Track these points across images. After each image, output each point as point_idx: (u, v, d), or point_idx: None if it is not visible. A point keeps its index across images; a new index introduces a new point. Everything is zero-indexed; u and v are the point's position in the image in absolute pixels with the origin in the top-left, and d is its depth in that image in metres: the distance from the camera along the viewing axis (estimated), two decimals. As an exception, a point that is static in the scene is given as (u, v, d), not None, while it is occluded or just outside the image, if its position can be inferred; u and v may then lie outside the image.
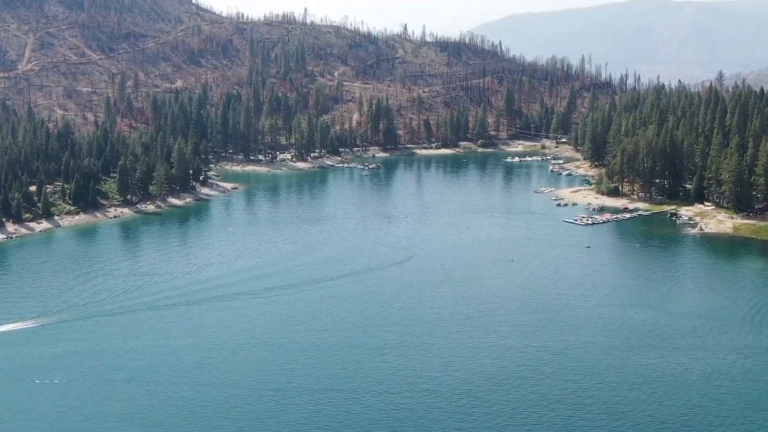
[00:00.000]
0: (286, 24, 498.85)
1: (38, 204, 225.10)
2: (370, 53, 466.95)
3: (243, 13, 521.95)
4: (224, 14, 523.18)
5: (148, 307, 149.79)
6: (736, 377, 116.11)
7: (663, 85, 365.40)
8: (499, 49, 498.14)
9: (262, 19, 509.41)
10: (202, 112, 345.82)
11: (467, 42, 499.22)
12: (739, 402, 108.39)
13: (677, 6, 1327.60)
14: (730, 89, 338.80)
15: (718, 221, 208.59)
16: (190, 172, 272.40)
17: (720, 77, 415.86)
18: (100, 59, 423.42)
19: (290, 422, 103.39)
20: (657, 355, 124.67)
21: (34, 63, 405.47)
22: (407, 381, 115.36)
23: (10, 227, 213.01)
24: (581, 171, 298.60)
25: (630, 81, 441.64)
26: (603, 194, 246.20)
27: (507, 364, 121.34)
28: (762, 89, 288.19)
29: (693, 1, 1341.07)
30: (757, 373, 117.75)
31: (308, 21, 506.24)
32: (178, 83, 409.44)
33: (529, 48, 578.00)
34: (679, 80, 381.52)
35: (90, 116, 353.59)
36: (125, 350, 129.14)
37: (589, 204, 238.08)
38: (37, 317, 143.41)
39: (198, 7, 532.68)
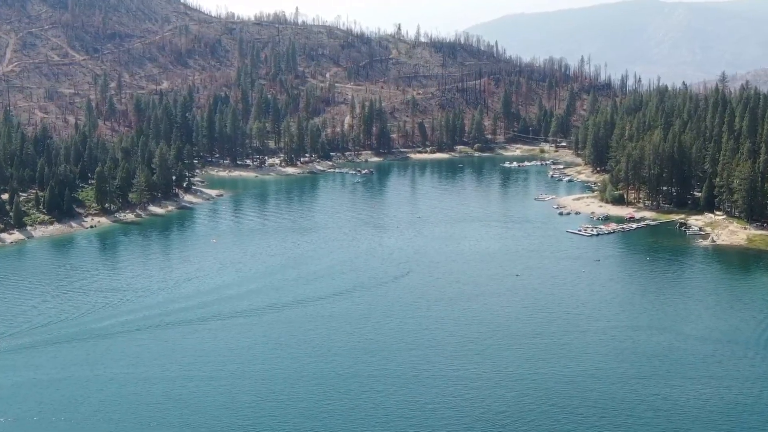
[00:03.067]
0: (276, 24, 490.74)
1: (10, 213, 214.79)
2: (363, 54, 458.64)
3: (233, 13, 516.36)
4: (213, 14, 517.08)
5: (118, 329, 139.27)
6: (763, 411, 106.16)
7: (666, 87, 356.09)
8: (495, 49, 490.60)
9: (252, 18, 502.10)
10: (187, 114, 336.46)
11: (462, 42, 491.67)
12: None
13: (669, 6, 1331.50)
14: (732, 90, 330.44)
15: (730, 232, 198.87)
16: (173, 178, 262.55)
17: (723, 78, 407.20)
18: (83, 60, 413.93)
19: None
20: (673, 384, 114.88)
21: (15, 64, 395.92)
22: (398, 416, 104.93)
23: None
24: (583, 177, 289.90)
25: (630, 82, 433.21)
26: (607, 202, 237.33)
27: (508, 394, 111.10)
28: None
29: (685, 2, 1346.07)
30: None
31: (299, 21, 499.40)
32: (164, 85, 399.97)
33: (524, 48, 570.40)
34: (683, 82, 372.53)
35: (71, 119, 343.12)
36: (90, 378, 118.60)
37: (592, 213, 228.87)
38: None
39: (186, 6, 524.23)
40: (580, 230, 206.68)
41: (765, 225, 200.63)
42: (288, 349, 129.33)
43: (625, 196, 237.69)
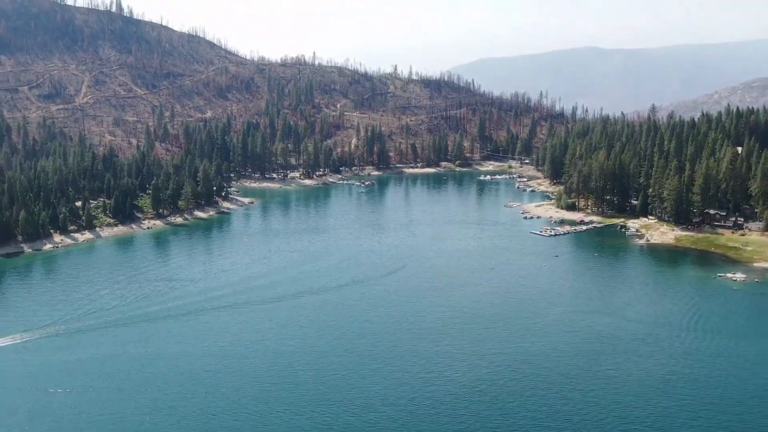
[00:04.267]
0: (297, 65, 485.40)
1: (83, 217, 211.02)
2: (367, 89, 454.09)
3: (263, 56, 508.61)
4: (248, 57, 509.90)
5: (166, 312, 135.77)
6: (691, 380, 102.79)
7: (608, 116, 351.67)
8: (472, 85, 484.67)
9: (279, 60, 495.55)
10: (226, 138, 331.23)
11: (446, 80, 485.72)
12: (698, 405, 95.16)
13: (608, 53, 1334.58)
14: (660, 119, 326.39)
15: (661, 233, 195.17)
16: (214, 189, 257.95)
17: (653, 109, 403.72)
18: (144, 94, 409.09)
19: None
20: (619, 359, 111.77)
21: (89, 97, 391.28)
22: (393, 383, 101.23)
23: (57, 238, 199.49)
24: (542, 188, 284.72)
25: (579, 112, 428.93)
26: (562, 208, 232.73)
27: (485, 366, 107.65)
28: (693, 120, 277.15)
29: (621, 49, 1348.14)
30: (710, 377, 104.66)
31: (316, 62, 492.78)
32: (208, 114, 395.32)
33: (495, 85, 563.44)
34: (622, 112, 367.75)
35: (133, 141, 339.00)
36: (142, 354, 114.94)
37: (550, 217, 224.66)
38: (64, 323, 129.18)
39: (226, 51, 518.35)
40: (541, 231, 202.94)
41: (689, 227, 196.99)
42: (305, 330, 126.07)
43: (577, 204, 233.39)
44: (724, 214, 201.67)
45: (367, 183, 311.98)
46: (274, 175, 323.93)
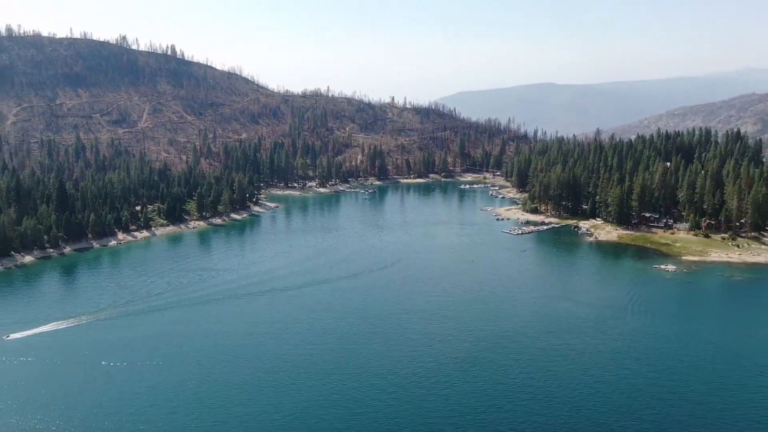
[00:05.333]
0: (315, 96, 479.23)
1: (141, 219, 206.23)
2: (370, 115, 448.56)
3: (288, 90, 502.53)
4: (275, 90, 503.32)
5: (205, 297, 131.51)
6: (635, 356, 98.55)
7: (562, 138, 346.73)
8: (453, 112, 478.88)
9: (300, 93, 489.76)
10: (256, 154, 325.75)
11: (433, 108, 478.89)
12: (639, 375, 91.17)
13: (561, 87, 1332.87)
14: (604, 140, 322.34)
15: (606, 232, 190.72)
16: (246, 196, 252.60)
17: (597, 132, 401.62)
18: (192, 120, 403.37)
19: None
20: (574, 337, 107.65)
21: (149, 122, 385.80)
22: (388, 358, 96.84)
23: (120, 236, 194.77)
24: (511, 195, 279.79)
25: (539, 135, 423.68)
26: (527, 212, 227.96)
27: (464, 343, 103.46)
28: (631, 140, 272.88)
29: (570, 85, 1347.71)
30: (648, 351, 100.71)
31: (330, 94, 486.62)
32: (243, 135, 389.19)
33: (471, 112, 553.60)
34: (573, 134, 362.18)
35: (183, 158, 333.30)
36: (186, 333, 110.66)
37: (518, 219, 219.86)
38: (122, 306, 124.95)
39: (258, 85, 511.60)
40: (510, 231, 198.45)
41: (629, 227, 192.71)
42: (318, 313, 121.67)
43: (539, 208, 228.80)
44: (657, 216, 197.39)
45: (369, 191, 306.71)
46: (296, 185, 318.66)
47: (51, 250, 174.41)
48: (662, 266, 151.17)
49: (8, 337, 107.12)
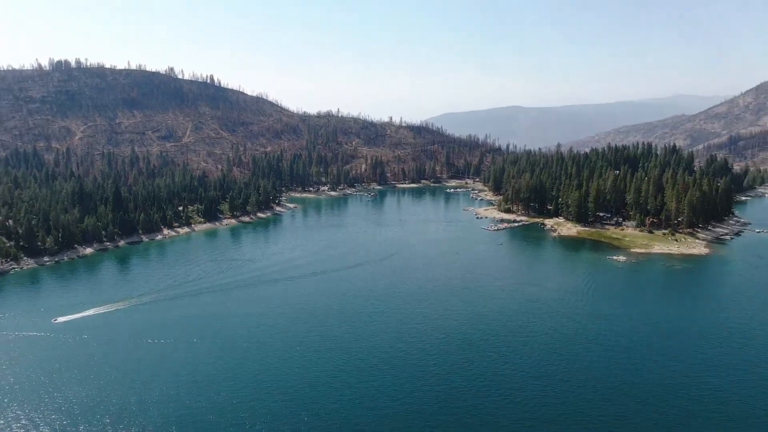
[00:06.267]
0: (327, 116, 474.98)
1: (183, 217, 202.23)
2: (372, 131, 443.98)
3: (305, 111, 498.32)
4: (295, 111, 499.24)
5: (234, 284, 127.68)
6: (591, 336, 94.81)
7: (530, 150, 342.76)
8: (441, 129, 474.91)
9: (315, 113, 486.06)
10: (279, 164, 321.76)
11: (424, 126, 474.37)
12: (596, 352, 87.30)
13: (527, 110, 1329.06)
14: (564, 152, 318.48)
15: (567, 228, 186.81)
16: (270, 198, 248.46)
17: (558, 146, 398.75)
18: (226, 136, 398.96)
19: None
20: (542, 318, 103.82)
21: (191, 138, 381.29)
22: (387, 335, 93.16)
23: (165, 231, 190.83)
24: (488, 197, 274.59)
25: (511, 148, 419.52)
26: (502, 212, 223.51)
27: (452, 323, 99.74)
28: (586, 153, 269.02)
29: (535, 107, 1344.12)
30: (605, 330, 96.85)
31: (339, 114, 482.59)
32: (268, 149, 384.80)
33: (456, 129, 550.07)
34: (539, 148, 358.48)
35: (219, 167, 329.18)
36: (217, 315, 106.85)
37: (494, 217, 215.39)
38: (164, 291, 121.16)
39: (281, 107, 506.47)
40: (488, 227, 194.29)
41: (586, 225, 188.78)
42: (328, 298, 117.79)
43: (512, 208, 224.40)
44: (609, 215, 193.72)
45: (372, 194, 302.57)
46: (311, 189, 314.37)
47: (108, 243, 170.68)
48: (614, 257, 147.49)
49: (56, 320, 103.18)
